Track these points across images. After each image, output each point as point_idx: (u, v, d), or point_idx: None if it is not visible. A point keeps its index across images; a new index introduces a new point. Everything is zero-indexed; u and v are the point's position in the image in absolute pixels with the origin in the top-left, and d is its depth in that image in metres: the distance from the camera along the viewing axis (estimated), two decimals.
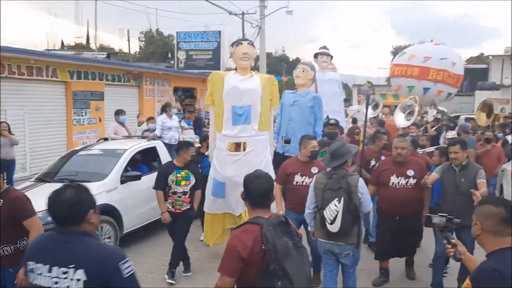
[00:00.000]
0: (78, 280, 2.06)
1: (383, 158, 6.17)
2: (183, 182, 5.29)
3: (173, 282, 5.24)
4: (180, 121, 11.06)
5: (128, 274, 2.11)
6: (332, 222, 3.98)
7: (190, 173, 5.33)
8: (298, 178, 5.00)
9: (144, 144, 7.24)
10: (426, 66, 13.64)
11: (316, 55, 9.73)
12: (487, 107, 9.09)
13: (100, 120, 13.15)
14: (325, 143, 6.00)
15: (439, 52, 13.85)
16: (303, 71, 7.27)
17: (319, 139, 6.25)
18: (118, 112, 9.51)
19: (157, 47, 37.91)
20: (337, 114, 8.85)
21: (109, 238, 5.81)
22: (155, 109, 15.61)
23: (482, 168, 4.69)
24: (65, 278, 2.08)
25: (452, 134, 8.69)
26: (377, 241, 5.39)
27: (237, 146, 5.44)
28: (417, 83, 13.86)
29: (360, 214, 4.14)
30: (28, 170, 11.14)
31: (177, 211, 5.29)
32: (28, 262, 2.19)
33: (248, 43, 5.72)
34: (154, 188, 5.42)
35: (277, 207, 4.96)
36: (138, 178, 6.42)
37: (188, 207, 5.34)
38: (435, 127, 11.71)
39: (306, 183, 4.87)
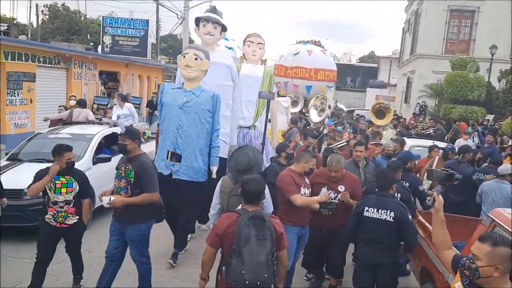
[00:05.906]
0: None
1: None
2: (63, 190, 4.57)
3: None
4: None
5: None
6: None
7: (72, 179, 4.63)
8: (302, 191, 4.61)
9: (108, 130, 8.33)
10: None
11: (197, 21, 6.65)
12: (378, 112, 11.62)
13: (31, 101, 13.47)
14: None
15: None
16: (196, 58, 5.48)
17: (216, 151, 5.67)
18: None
19: (64, 22, 36.51)
20: (224, 121, 6.46)
21: None
22: (82, 91, 16.10)
23: None
24: None
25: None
26: (304, 250, 5.14)
27: None
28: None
29: None
30: None
31: (63, 225, 4.58)
32: None
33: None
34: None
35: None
36: (108, 160, 7.52)
37: (76, 220, 4.64)
38: (336, 122, 14.26)
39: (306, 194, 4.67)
